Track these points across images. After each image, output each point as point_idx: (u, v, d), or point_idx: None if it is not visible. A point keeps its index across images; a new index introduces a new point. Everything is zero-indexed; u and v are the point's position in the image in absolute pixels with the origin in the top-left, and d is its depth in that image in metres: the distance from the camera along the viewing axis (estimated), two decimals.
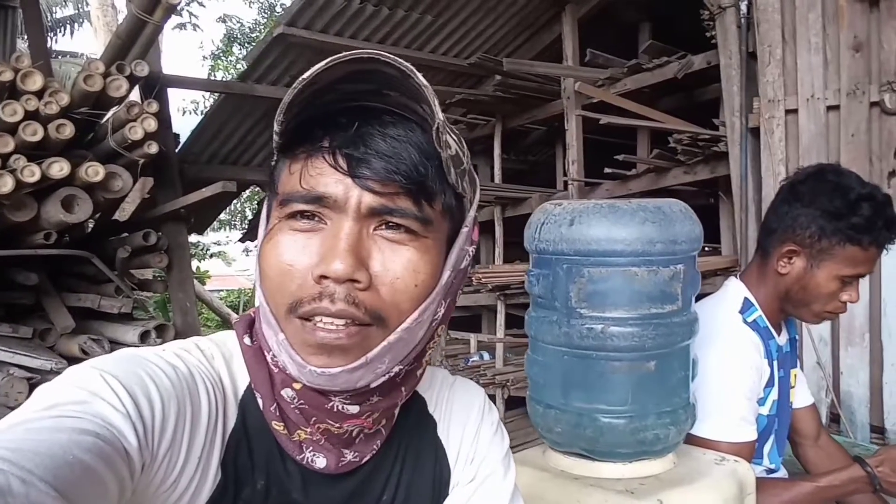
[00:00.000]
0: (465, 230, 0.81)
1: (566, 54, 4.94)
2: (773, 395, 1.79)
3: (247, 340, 0.83)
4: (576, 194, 4.75)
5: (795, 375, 1.95)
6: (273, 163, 0.79)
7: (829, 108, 3.55)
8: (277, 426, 0.79)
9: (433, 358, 0.84)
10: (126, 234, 4.74)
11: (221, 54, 18.14)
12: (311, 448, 0.80)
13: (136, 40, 4.26)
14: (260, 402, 0.80)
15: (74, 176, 3.82)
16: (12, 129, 3.67)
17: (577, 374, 1.51)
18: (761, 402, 1.76)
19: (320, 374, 0.72)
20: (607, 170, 4.51)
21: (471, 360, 5.27)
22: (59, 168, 3.72)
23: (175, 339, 4.39)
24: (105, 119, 4.28)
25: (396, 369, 0.78)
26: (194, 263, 14.68)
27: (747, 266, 1.89)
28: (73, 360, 4.27)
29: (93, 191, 3.97)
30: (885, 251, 1.69)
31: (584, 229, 1.47)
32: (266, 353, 0.79)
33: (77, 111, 4.01)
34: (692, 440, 1.68)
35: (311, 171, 0.73)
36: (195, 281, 12.16)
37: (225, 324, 11.90)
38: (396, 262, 0.73)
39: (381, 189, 0.72)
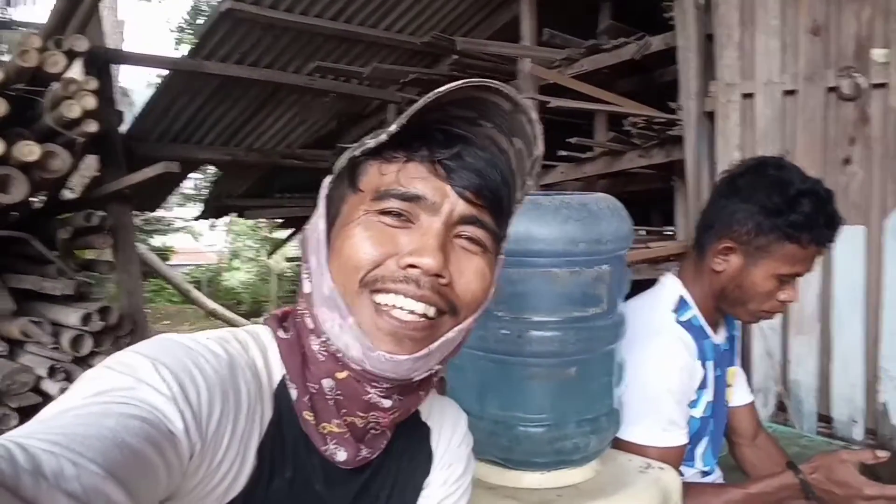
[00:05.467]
0: (501, 257, 0.88)
1: (523, 34, 4.84)
2: (707, 396, 1.73)
3: (281, 333, 0.86)
4: None
5: (734, 373, 1.89)
6: (349, 161, 0.84)
7: (786, 92, 3.50)
8: (308, 416, 0.83)
9: None
10: (71, 214, 4.61)
11: (187, 27, 17.79)
12: (334, 441, 0.84)
13: (73, 14, 4.10)
14: (293, 392, 0.83)
15: (9, 155, 3.68)
16: None
17: (493, 380, 1.43)
18: (693, 404, 1.69)
19: (388, 359, 0.78)
20: (561, 153, 4.44)
21: None
22: None
23: (119, 321, 4.30)
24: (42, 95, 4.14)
25: (437, 367, 0.85)
26: (160, 239, 14.47)
27: (683, 262, 1.81)
28: (13, 343, 4.15)
29: (29, 170, 3.83)
30: (825, 249, 1.62)
31: None
32: (311, 341, 0.83)
33: (13, 87, 3.86)
34: (620, 444, 1.61)
35: (412, 173, 0.79)
36: (156, 257, 11.96)
37: (186, 300, 11.72)
38: (469, 269, 0.81)
39: (473, 200, 0.80)
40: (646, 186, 4.76)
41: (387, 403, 0.83)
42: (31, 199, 4.22)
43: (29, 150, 3.69)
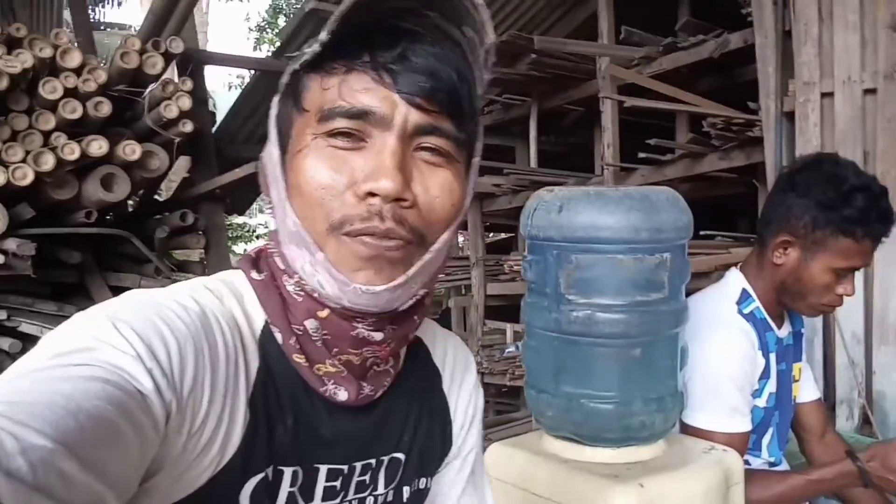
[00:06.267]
0: (475, 160, 0.83)
1: (601, 31, 4.87)
2: (770, 387, 1.78)
3: (255, 275, 0.82)
4: (611, 180, 4.70)
5: (800, 369, 1.94)
6: (291, 76, 0.77)
7: (866, 91, 3.41)
8: (299, 359, 0.78)
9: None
10: (166, 214, 4.83)
11: (267, 26, 18.08)
12: (332, 381, 0.80)
13: (170, 16, 4.32)
14: (279, 336, 0.79)
15: (113, 154, 3.91)
16: (52, 107, 3.76)
17: (567, 360, 1.53)
18: (757, 394, 1.75)
19: (364, 291, 0.73)
20: (641, 155, 4.46)
21: (507, 350, 5.23)
22: (98, 146, 3.81)
23: None
24: (143, 96, 4.37)
25: (422, 292, 0.80)
26: (241, 246, 14.83)
27: (747, 257, 1.87)
28: None
29: (131, 169, 4.06)
30: (880, 244, 1.67)
31: (571, 216, 1.47)
32: (286, 281, 0.79)
33: (115, 88, 4.09)
34: (686, 429, 1.69)
35: (354, 85, 0.72)
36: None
37: None
38: (435, 184, 0.75)
39: (426, 106, 0.72)
40: (729, 191, 4.72)
41: (378, 336, 0.79)
42: (128, 199, 4.46)
43: (131, 150, 3.92)
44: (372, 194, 0.71)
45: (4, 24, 4.10)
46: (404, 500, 0.91)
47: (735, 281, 1.82)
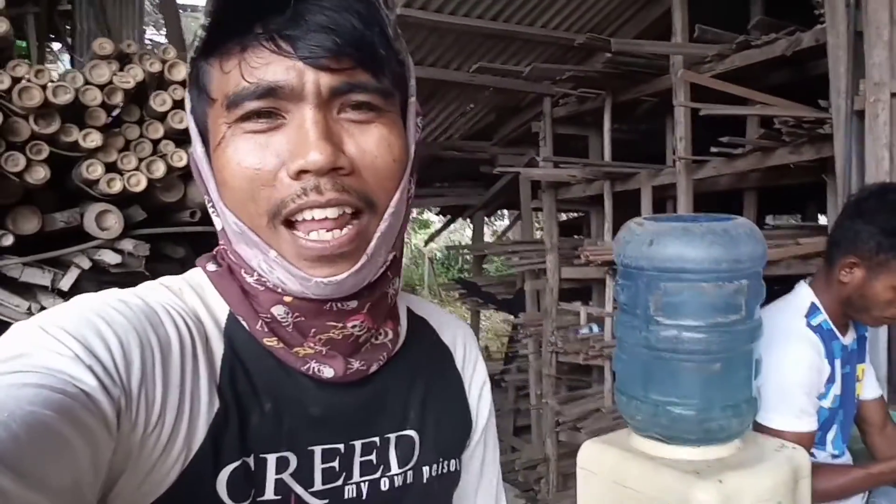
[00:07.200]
0: (412, 100, 0.78)
1: (675, 29, 5.00)
2: (835, 390, 2.01)
3: (210, 266, 0.79)
4: (683, 171, 4.86)
5: (863, 370, 2.15)
6: (192, 70, 0.73)
7: None
8: (270, 342, 0.75)
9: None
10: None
11: None
12: (314, 360, 0.76)
13: None
14: (245, 323, 0.76)
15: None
16: (161, 117, 4.09)
17: (654, 371, 1.78)
18: (822, 396, 1.98)
19: (327, 283, 0.70)
20: (713, 149, 4.61)
21: (581, 331, 5.42)
22: None
23: None
24: None
25: (390, 257, 0.77)
26: None
27: (816, 273, 2.09)
28: None
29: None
30: None
31: (661, 249, 1.71)
32: (244, 275, 0.75)
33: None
34: (760, 428, 1.93)
35: (253, 62, 0.67)
36: None
37: None
38: (370, 142, 0.70)
39: (335, 66, 0.67)
40: (798, 181, 4.83)
41: (353, 304, 0.75)
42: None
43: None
44: (304, 172, 0.67)
45: (109, 36, 4.40)
46: (425, 480, 0.85)
47: (805, 295, 2.05)
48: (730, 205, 5.06)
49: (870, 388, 2.21)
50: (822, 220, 4.79)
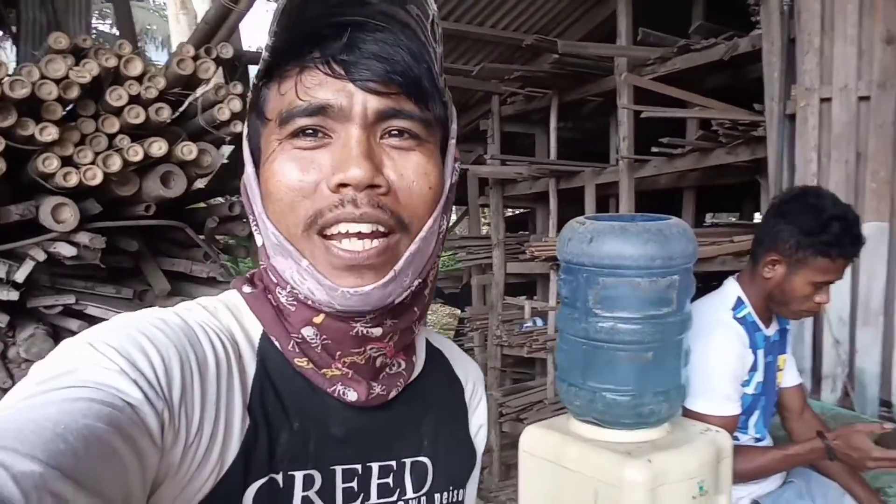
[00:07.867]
0: (452, 142, 0.81)
1: (620, 31, 5.15)
2: (758, 377, 2.17)
3: (246, 288, 0.82)
4: (625, 170, 5.02)
5: (784, 360, 2.32)
6: (253, 92, 0.77)
7: (861, 98, 3.71)
8: (301, 363, 0.78)
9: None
10: (218, 202, 5.16)
11: None
12: (340, 382, 0.79)
13: (221, 25, 4.65)
14: (277, 343, 0.78)
15: (171, 154, 4.26)
16: (117, 112, 4.10)
17: (592, 360, 1.91)
18: (746, 383, 2.14)
19: (353, 293, 0.72)
20: (654, 149, 4.77)
21: (525, 325, 5.53)
22: (158, 147, 4.13)
23: None
24: (192, 98, 4.68)
25: (416, 283, 0.78)
26: None
27: (742, 269, 2.24)
28: None
29: (186, 167, 4.42)
30: (851, 262, 2.04)
31: (600, 246, 1.84)
32: (279, 293, 0.78)
33: (170, 92, 4.43)
34: (687, 413, 2.07)
35: (308, 83, 0.72)
36: None
37: None
38: (408, 167, 0.74)
39: (383, 90, 0.71)
40: (735, 180, 5.02)
41: (377, 332, 0.77)
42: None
43: (188, 150, 4.26)
44: (343, 185, 0.70)
45: (74, 34, 4.40)
46: None
47: (731, 289, 2.20)
48: (670, 203, 5.23)
49: (790, 377, 2.38)
50: (758, 218, 4.98)
